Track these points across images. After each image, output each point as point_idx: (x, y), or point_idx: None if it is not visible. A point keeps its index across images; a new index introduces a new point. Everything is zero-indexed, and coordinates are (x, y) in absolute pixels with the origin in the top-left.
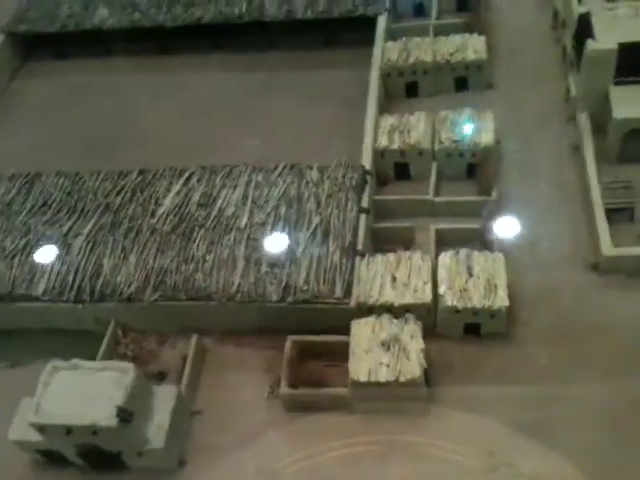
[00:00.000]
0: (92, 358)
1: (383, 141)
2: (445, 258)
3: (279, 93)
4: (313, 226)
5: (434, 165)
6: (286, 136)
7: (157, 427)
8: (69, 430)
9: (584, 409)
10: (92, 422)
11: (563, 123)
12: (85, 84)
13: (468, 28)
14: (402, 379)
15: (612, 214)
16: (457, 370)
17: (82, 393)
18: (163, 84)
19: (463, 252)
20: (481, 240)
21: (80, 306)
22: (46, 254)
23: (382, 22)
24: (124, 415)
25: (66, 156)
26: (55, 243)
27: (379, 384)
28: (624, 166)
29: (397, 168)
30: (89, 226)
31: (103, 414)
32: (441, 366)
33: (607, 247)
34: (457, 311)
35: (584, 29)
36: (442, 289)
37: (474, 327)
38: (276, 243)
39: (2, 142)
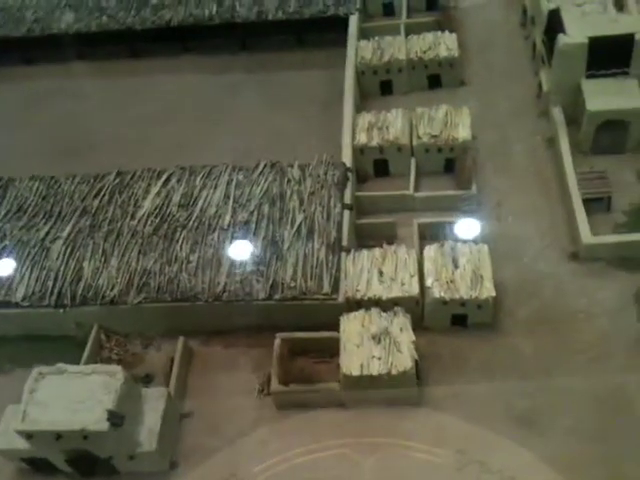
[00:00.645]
0: (75, 363)
1: (362, 138)
2: (430, 251)
3: (252, 94)
4: (297, 223)
5: (413, 161)
6: (260, 136)
7: (148, 430)
8: (59, 436)
9: (569, 397)
10: (82, 427)
11: (536, 118)
12: (53, 89)
13: (439, 26)
14: (394, 371)
15: (589, 204)
16: (445, 362)
17: (70, 398)
18: (133, 87)
19: (448, 244)
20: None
21: (61, 311)
22: (24, 259)
23: (354, 22)
24: (115, 419)
25: (37, 160)
26: (33, 248)
27: (372, 377)
28: (598, 157)
29: (376, 165)
30: (67, 230)
31: (93, 418)
32: (430, 358)
33: (586, 236)
34: (445, 302)
35: (554, 24)
36: (429, 281)
37: (461, 318)
38: (261, 241)
39: None
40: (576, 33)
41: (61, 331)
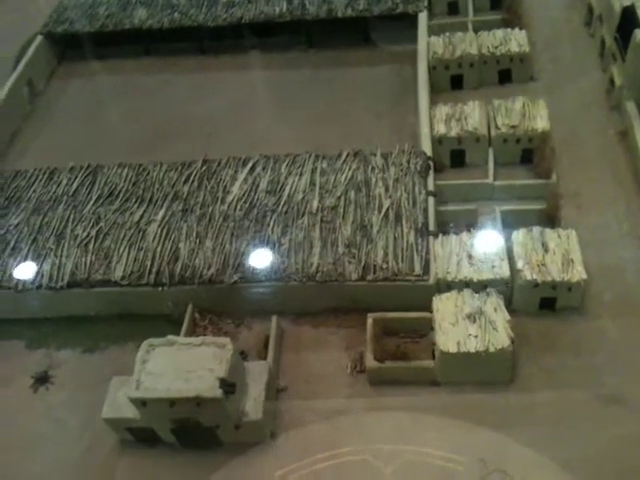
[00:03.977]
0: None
1: (440, 129)
2: (519, 236)
3: (321, 90)
4: (384, 209)
5: (491, 151)
6: (332, 130)
7: (253, 400)
8: (172, 403)
9: None
10: (196, 394)
11: (606, 112)
12: (124, 83)
13: (505, 24)
14: (492, 349)
15: None
16: (534, 343)
17: (181, 368)
18: (204, 83)
19: (536, 230)
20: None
21: (160, 289)
22: (121, 240)
23: (423, 18)
24: (227, 387)
25: (114, 151)
26: (129, 230)
27: (468, 355)
28: None
29: (453, 155)
30: (161, 213)
31: (206, 386)
32: (518, 340)
33: None
34: (536, 285)
35: (629, 20)
36: (520, 264)
37: (550, 301)
38: (350, 225)
39: (48, 139)
40: None
41: (156, 310)
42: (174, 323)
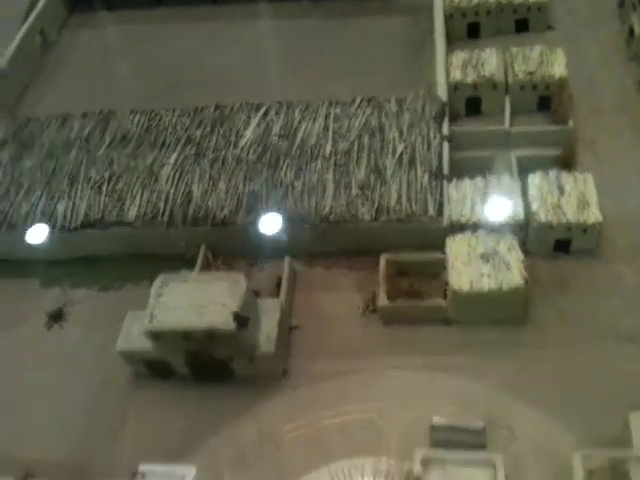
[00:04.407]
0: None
1: (457, 75)
2: (535, 179)
3: (334, 39)
4: (398, 153)
5: (507, 98)
6: (346, 78)
7: (266, 335)
8: (186, 336)
9: None
10: (210, 326)
11: (625, 62)
12: (135, 33)
13: None
14: (505, 288)
15: None
16: (547, 285)
17: (195, 302)
18: (215, 32)
19: (553, 173)
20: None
21: (173, 230)
22: (134, 183)
23: None
24: (240, 320)
25: (126, 101)
26: (142, 173)
27: (481, 294)
28: None
29: (468, 103)
30: (174, 157)
31: (220, 320)
32: (532, 283)
33: None
34: (551, 227)
35: None
36: (535, 206)
37: (564, 244)
38: (364, 169)
39: (61, 89)
40: None
41: (169, 250)
42: (187, 263)
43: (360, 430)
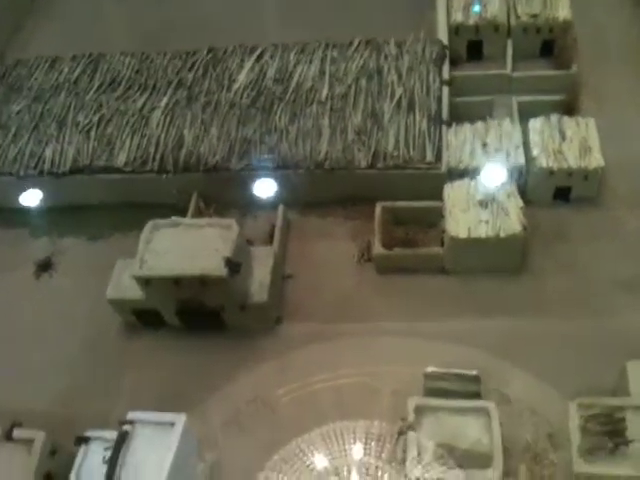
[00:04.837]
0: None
1: (458, 17)
2: (536, 123)
3: None
4: (397, 97)
5: (509, 42)
6: (343, 20)
7: (259, 283)
8: (176, 282)
9: None
10: (201, 272)
11: (631, 8)
12: None
13: None
14: (503, 234)
15: None
16: (547, 233)
17: (186, 247)
18: None
19: (554, 117)
20: None
21: (164, 177)
22: (123, 127)
23: None
24: (232, 266)
25: (118, 44)
26: (131, 117)
27: (479, 240)
28: None
29: (470, 47)
30: (165, 100)
31: (211, 265)
32: (532, 231)
33: None
34: (551, 172)
35: None
36: (536, 151)
37: (564, 191)
38: (361, 113)
39: (51, 33)
40: None
41: (160, 198)
42: (178, 212)
43: (353, 393)
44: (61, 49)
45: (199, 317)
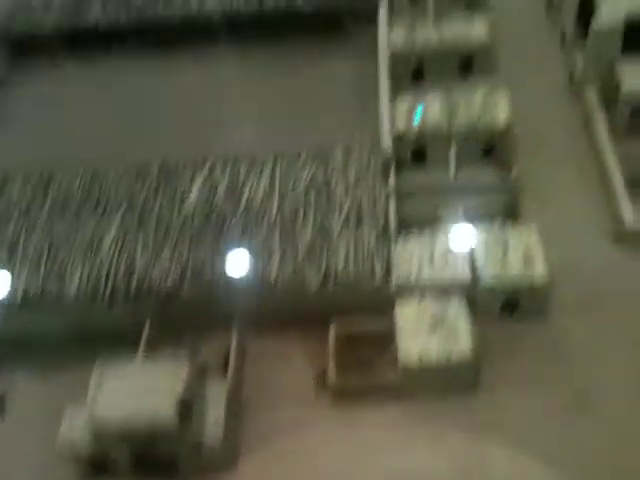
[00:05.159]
0: (128, 358)
1: (401, 125)
2: (480, 233)
3: (281, 84)
4: (345, 211)
5: (452, 146)
6: (292, 125)
7: (213, 423)
8: (127, 433)
9: (621, 378)
10: (151, 423)
11: (568, 102)
12: (81, 86)
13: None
14: (454, 359)
15: (629, 185)
16: (497, 346)
17: (136, 389)
18: (163, 79)
19: (497, 226)
20: None
21: (115, 305)
22: (74, 254)
23: (383, 11)
24: (184, 409)
25: (70, 154)
26: (82, 243)
27: (431, 366)
28: (633, 138)
29: (414, 151)
30: (116, 223)
31: (162, 413)
32: (482, 345)
33: (630, 218)
34: (497, 287)
35: (587, 6)
36: (481, 265)
37: (512, 302)
38: (310, 229)
39: (2, 142)
40: (611, 14)
41: (113, 327)
42: (131, 340)
43: None
44: (14, 158)
45: (153, 464)
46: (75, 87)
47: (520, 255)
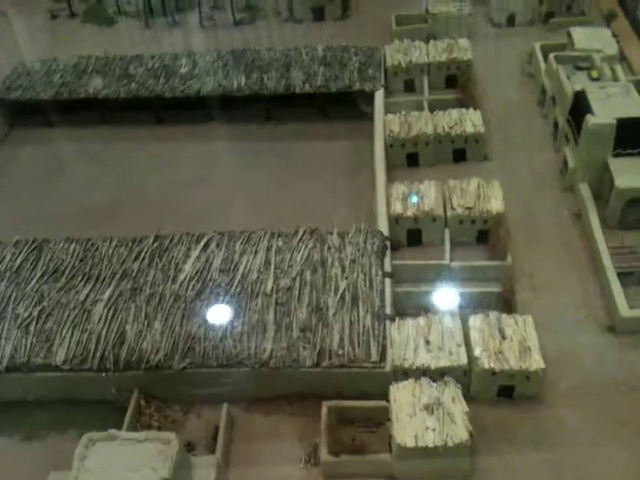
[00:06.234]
0: (113, 429)
1: (397, 208)
2: (476, 321)
3: (278, 162)
4: (341, 291)
5: (447, 231)
6: (288, 203)
7: None
8: None
9: (615, 469)
10: None
11: (560, 192)
12: (78, 152)
13: (459, 103)
14: (450, 443)
15: (622, 278)
16: (492, 433)
17: (122, 466)
18: (160, 153)
19: (493, 315)
20: None
21: (103, 375)
22: (64, 321)
23: (380, 97)
24: None
25: (64, 223)
26: (73, 310)
27: (426, 449)
28: (625, 232)
29: (410, 234)
30: (108, 292)
31: None
32: (476, 429)
33: (624, 309)
34: (494, 373)
35: (581, 105)
36: (478, 351)
37: (508, 389)
38: (305, 308)
39: None
40: (603, 114)
41: (99, 396)
42: (118, 410)
43: None
44: (4, 226)
45: None
46: (67, 157)
47: (517, 344)
